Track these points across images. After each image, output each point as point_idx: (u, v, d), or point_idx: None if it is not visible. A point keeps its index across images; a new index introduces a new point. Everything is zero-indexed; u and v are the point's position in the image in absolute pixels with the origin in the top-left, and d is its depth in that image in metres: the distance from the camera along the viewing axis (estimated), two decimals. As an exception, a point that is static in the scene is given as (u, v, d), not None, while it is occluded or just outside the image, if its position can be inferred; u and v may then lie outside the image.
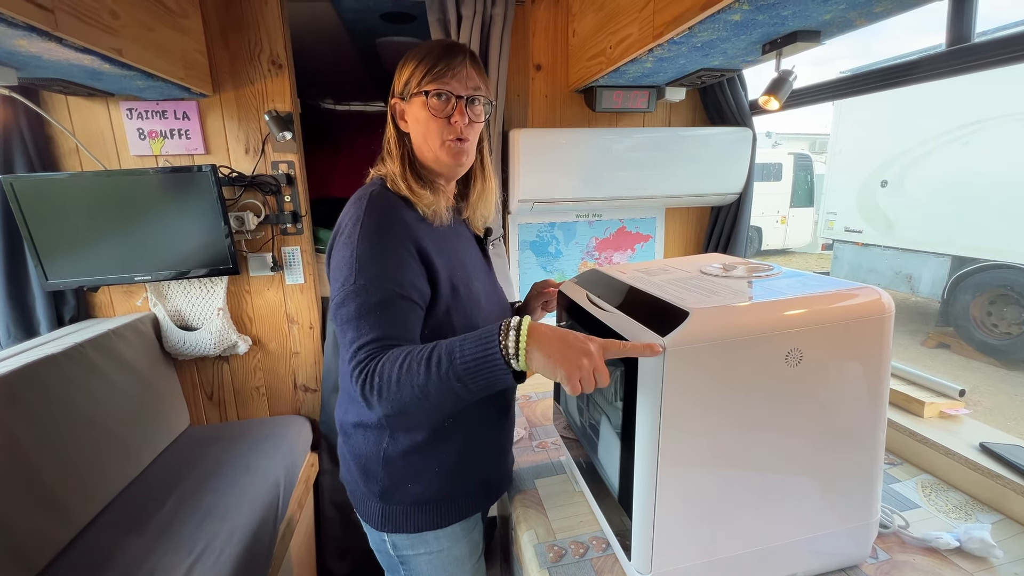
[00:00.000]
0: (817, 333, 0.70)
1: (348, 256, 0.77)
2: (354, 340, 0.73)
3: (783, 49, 1.08)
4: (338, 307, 0.76)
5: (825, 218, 6.12)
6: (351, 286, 0.75)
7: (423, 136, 0.86)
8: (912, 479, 1.03)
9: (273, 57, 1.57)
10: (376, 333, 0.73)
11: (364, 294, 0.74)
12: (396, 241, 0.79)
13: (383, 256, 0.77)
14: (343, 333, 0.75)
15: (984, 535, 0.81)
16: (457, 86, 0.84)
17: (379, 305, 0.74)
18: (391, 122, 0.89)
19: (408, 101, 0.86)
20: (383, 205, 0.81)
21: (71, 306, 1.59)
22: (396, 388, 0.68)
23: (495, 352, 0.65)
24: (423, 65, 0.84)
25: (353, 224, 0.79)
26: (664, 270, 0.96)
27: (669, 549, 0.73)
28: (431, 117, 0.84)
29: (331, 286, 0.80)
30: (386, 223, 0.80)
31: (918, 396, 1.14)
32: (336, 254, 0.80)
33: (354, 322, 0.74)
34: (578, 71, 1.61)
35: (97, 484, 1.31)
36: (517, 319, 0.67)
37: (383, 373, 0.69)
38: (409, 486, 0.87)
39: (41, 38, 0.91)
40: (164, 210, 1.51)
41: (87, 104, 1.52)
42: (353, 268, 0.76)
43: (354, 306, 0.74)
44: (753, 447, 0.73)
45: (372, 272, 0.75)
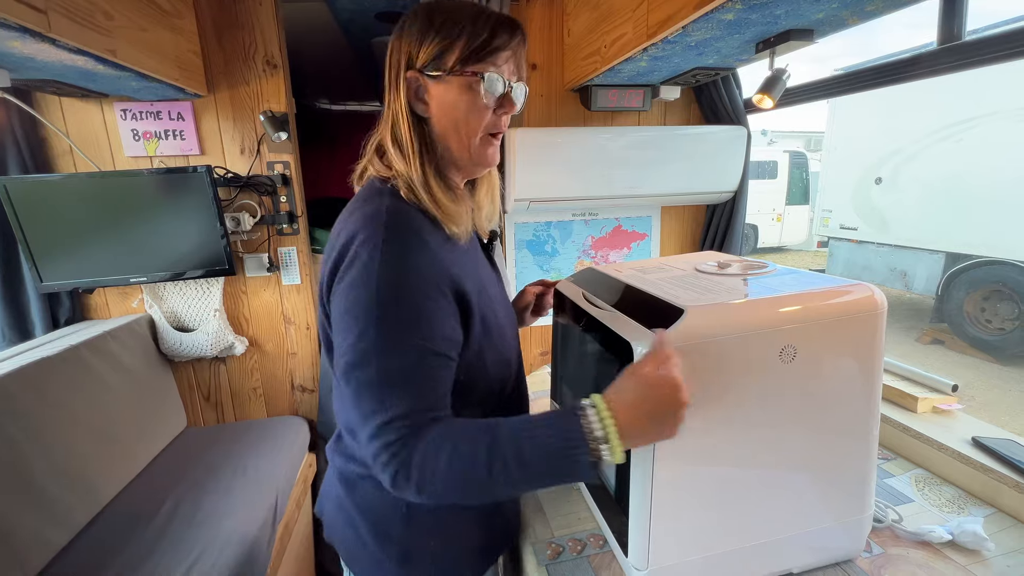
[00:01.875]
0: (811, 330, 0.71)
1: (365, 301, 0.60)
2: (375, 413, 0.59)
3: (776, 48, 1.09)
4: (352, 368, 0.60)
5: (820, 216, 6.16)
6: (371, 343, 0.59)
7: (456, 126, 0.68)
8: (906, 474, 1.04)
9: (268, 57, 1.57)
10: (405, 406, 0.59)
11: (389, 355, 0.59)
12: (426, 280, 0.62)
13: (412, 302, 0.61)
14: (357, 400, 0.60)
15: (976, 528, 0.82)
16: (508, 72, 0.69)
17: (409, 369, 0.60)
18: (404, 103, 0.68)
19: (440, 79, 0.66)
20: (404, 228, 0.64)
21: (66, 308, 1.58)
22: (443, 485, 0.57)
23: (581, 457, 0.57)
24: (472, 36, 0.65)
25: (369, 256, 0.61)
26: (660, 268, 0.97)
27: (665, 545, 0.74)
28: (480, 106, 0.67)
29: (337, 333, 0.63)
30: (412, 254, 0.63)
31: (912, 392, 1.15)
32: (346, 293, 0.62)
33: (375, 390, 0.59)
34: (573, 70, 1.61)
35: (94, 487, 1.31)
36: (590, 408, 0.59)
37: (425, 467, 0.57)
38: (432, 543, 0.74)
39: (34, 39, 0.91)
40: (159, 211, 1.50)
41: (81, 105, 1.51)
42: (373, 319, 0.59)
43: (374, 370, 0.59)
44: (748, 443, 0.73)
45: (399, 326, 0.60)
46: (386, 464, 0.58)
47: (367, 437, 0.60)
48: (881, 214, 5.30)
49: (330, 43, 2.09)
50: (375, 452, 0.59)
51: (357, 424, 0.61)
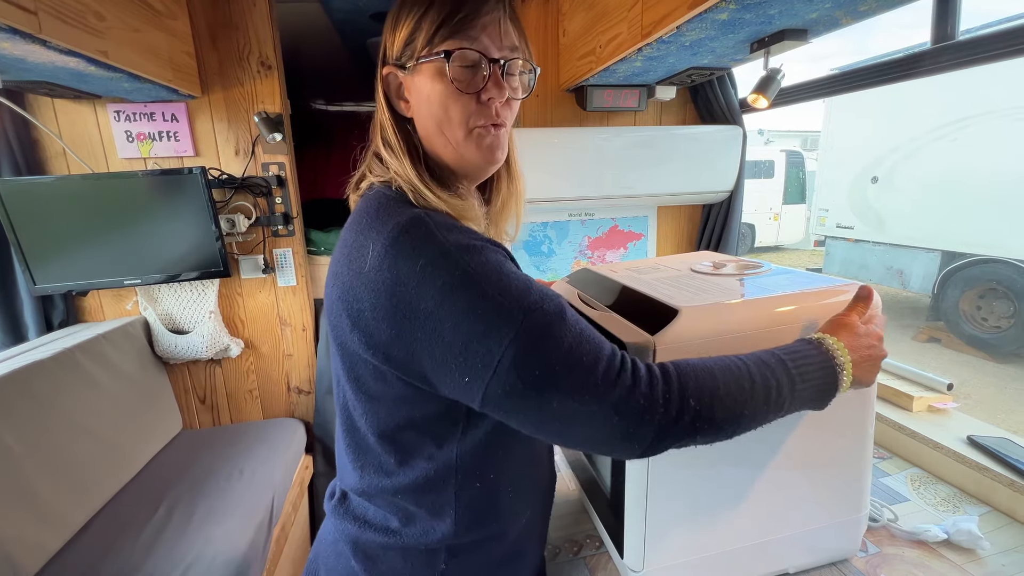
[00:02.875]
0: (806, 330, 0.71)
1: (477, 296, 0.48)
2: (596, 362, 0.48)
3: (771, 48, 1.09)
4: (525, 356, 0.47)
5: (817, 215, 6.17)
6: (522, 325, 0.47)
7: (438, 122, 0.58)
8: (901, 472, 1.04)
9: (262, 58, 1.56)
10: (602, 349, 0.50)
11: (547, 319, 0.49)
12: (499, 255, 0.53)
13: (514, 275, 0.51)
14: (552, 382, 0.47)
15: (972, 527, 0.83)
16: (489, 44, 0.56)
17: (574, 320, 0.51)
18: (384, 104, 0.60)
19: (411, 70, 0.57)
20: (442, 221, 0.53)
21: (60, 311, 1.58)
22: (721, 412, 0.50)
23: (834, 390, 0.57)
24: (436, 11, 0.55)
25: (435, 263, 0.48)
26: (655, 268, 0.97)
27: (661, 546, 0.74)
28: (452, 92, 0.56)
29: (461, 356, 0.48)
30: (473, 239, 0.52)
31: (907, 390, 1.15)
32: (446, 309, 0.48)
33: (571, 353, 0.48)
34: (569, 70, 1.61)
35: (88, 490, 1.30)
36: (832, 344, 0.58)
37: (700, 395, 0.50)
38: None
39: (25, 40, 0.90)
40: (154, 213, 1.50)
41: (74, 107, 1.50)
42: (504, 305, 0.48)
43: (553, 338, 0.48)
44: (743, 443, 0.73)
45: (528, 295, 0.49)
46: (647, 406, 0.48)
47: (600, 394, 0.47)
48: (877, 213, 5.31)
49: (325, 44, 2.08)
50: (619, 402, 0.47)
51: (569, 412, 0.48)
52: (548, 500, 0.75)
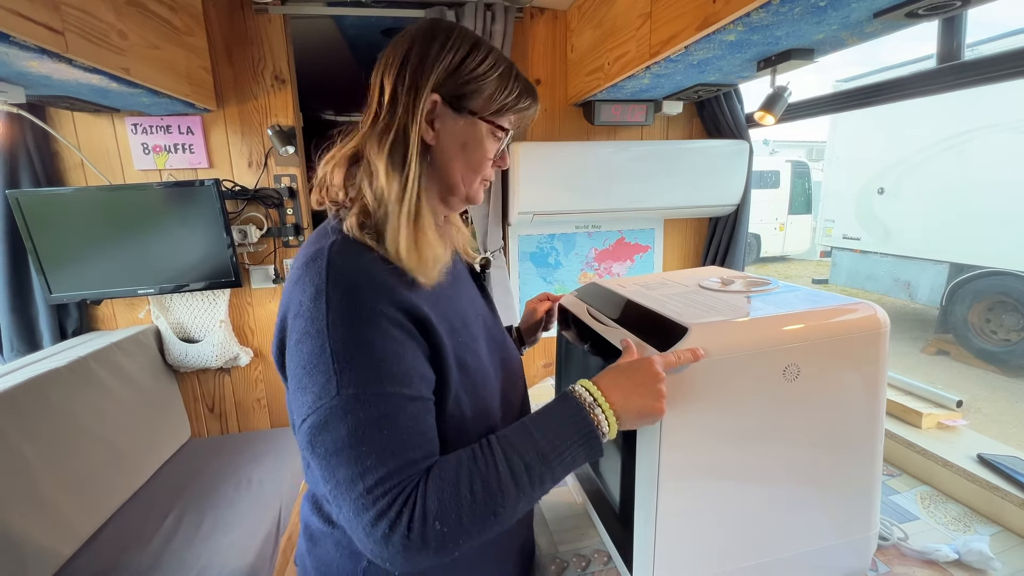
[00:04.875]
0: (814, 348, 0.71)
1: (317, 353, 0.53)
2: (360, 477, 0.50)
3: (778, 66, 1.10)
4: (317, 430, 0.52)
5: (823, 225, 6.15)
6: (333, 400, 0.51)
7: (467, 167, 0.65)
8: (911, 490, 1.04)
9: (276, 73, 1.60)
10: (392, 464, 0.51)
11: (357, 410, 0.52)
12: (382, 317, 0.55)
13: (370, 344, 0.53)
14: (329, 465, 0.52)
15: (983, 547, 0.82)
16: (515, 127, 0.71)
17: (383, 422, 0.52)
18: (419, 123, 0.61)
19: (463, 115, 0.63)
20: (351, 267, 0.56)
21: (74, 319, 1.60)
22: (469, 524, 0.51)
23: (595, 434, 0.57)
24: (508, 90, 0.64)
25: (312, 302, 0.54)
26: (663, 284, 0.98)
27: (670, 563, 0.74)
28: (489, 154, 0.66)
29: (295, 394, 0.55)
30: (361, 292, 0.55)
31: (916, 407, 1.15)
32: (298, 349, 0.55)
33: (350, 452, 0.51)
34: (576, 85, 1.63)
35: (99, 498, 1.31)
36: (580, 388, 0.60)
37: (446, 515, 0.51)
38: None
39: (51, 59, 0.93)
40: (167, 224, 1.52)
41: (92, 119, 1.54)
42: (331, 372, 0.52)
43: (345, 429, 0.51)
44: (752, 461, 0.73)
45: (360, 374, 0.52)
46: (387, 534, 0.49)
47: (352, 511, 0.51)
48: (884, 224, 5.29)
49: (337, 58, 2.12)
50: (367, 526, 0.50)
51: (334, 499, 0.52)
52: None
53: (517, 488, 0.54)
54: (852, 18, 0.88)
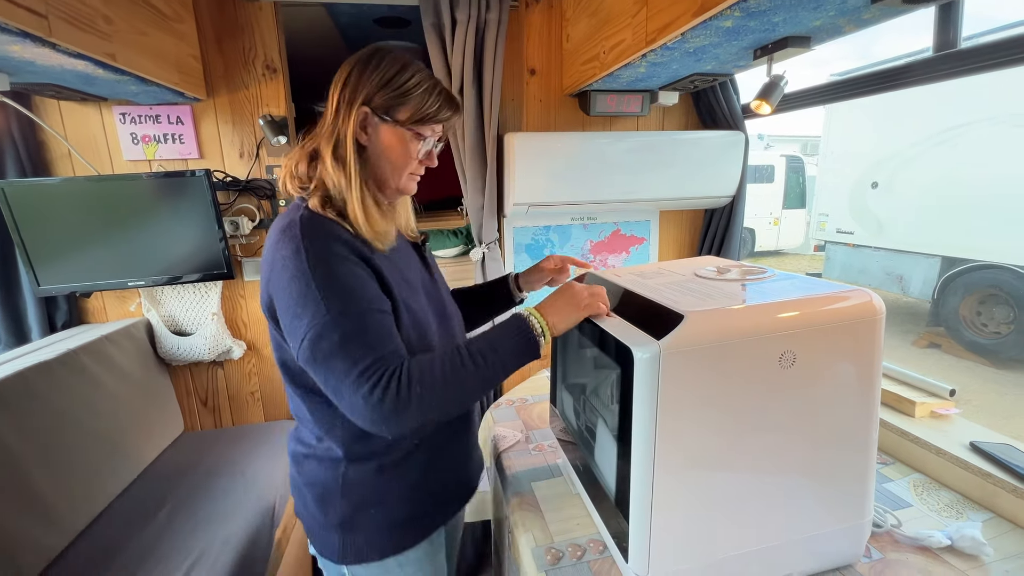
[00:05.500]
0: (810, 335, 0.71)
1: (304, 289, 0.69)
2: (354, 365, 0.68)
3: (774, 54, 1.09)
4: (315, 343, 0.68)
5: (817, 219, 6.18)
6: (324, 318, 0.68)
7: (393, 165, 0.82)
8: (904, 478, 1.04)
9: (268, 62, 1.57)
10: (376, 352, 0.69)
11: (343, 322, 0.69)
12: (347, 260, 0.73)
13: (343, 279, 0.71)
14: (328, 366, 0.69)
15: (975, 533, 0.83)
16: (440, 134, 0.86)
17: (363, 328, 0.70)
18: (351, 130, 0.77)
19: (388, 123, 0.79)
20: (319, 229, 0.73)
21: (63, 312, 1.58)
22: (441, 390, 0.69)
23: (530, 335, 0.74)
24: (426, 104, 0.79)
25: (294, 255, 0.71)
26: (659, 273, 0.97)
27: (666, 551, 0.74)
28: (412, 156, 0.82)
29: (291, 325, 0.71)
30: (329, 244, 0.73)
31: (909, 396, 1.16)
32: (285, 292, 0.71)
33: (343, 350, 0.68)
34: (572, 75, 1.62)
35: (90, 491, 1.30)
36: (524, 310, 0.77)
37: (424, 380, 0.68)
38: (372, 511, 0.82)
39: (35, 44, 0.91)
40: (158, 215, 1.50)
41: (79, 109, 1.51)
42: (318, 300, 0.69)
43: (337, 336, 0.68)
44: (748, 448, 0.73)
45: (341, 297, 0.70)
46: (382, 399, 0.67)
47: (351, 390, 0.68)
48: (877, 218, 5.32)
49: (329, 47, 2.09)
50: (365, 396, 0.67)
51: (335, 391, 0.70)
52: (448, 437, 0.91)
53: (475, 366, 0.72)
54: (849, 3, 0.87)
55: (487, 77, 1.53)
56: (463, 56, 1.51)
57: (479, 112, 1.56)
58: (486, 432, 1.48)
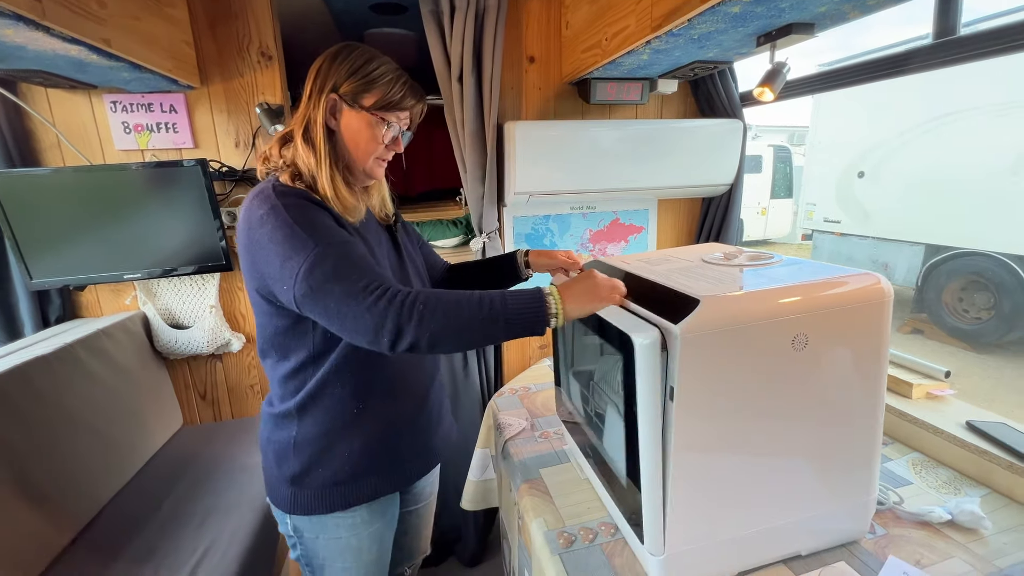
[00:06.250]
0: (821, 318, 0.73)
1: (289, 233, 0.74)
2: (354, 284, 0.72)
3: (777, 41, 1.10)
4: (310, 272, 0.72)
5: (805, 209, 6.25)
6: (315, 250, 0.73)
7: (359, 148, 0.87)
8: (903, 457, 1.07)
9: (263, 49, 1.54)
10: (372, 274, 0.74)
11: (334, 251, 0.74)
12: (320, 211, 0.79)
13: (322, 221, 0.77)
14: (327, 291, 0.72)
15: (974, 508, 0.86)
16: (406, 120, 0.91)
17: (352, 256, 0.75)
18: (322, 116, 0.84)
19: (355, 109, 0.85)
20: (291, 193, 0.79)
21: (56, 306, 1.54)
22: (442, 316, 0.72)
23: (543, 309, 0.75)
24: (390, 92, 0.85)
25: (271, 210, 0.75)
26: (666, 260, 0.98)
27: (680, 531, 0.75)
28: (377, 140, 0.87)
29: (282, 270, 0.74)
30: (302, 200, 0.79)
31: (906, 378, 1.19)
32: (269, 244, 0.75)
33: (340, 274, 0.72)
34: (572, 63, 1.61)
35: (91, 487, 1.28)
36: (546, 287, 0.78)
37: (428, 301, 0.72)
38: (320, 470, 0.89)
39: (28, 27, 0.88)
40: (152, 206, 1.47)
41: (68, 97, 1.46)
42: (305, 238, 0.73)
43: (330, 264, 0.72)
44: (761, 429, 0.75)
45: (325, 233, 0.75)
46: (387, 308, 0.70)
47: (355, 305, 0.71)
48: (863, 207, 5.40)
49: (323, 35, 2.05)
50: (370, 306, 0.70)
51: (338, 313, 0.72)
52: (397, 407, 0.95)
53: (479, 307, 0.73)
54: (855, -10, 0.88)
55: (486, 65, 1.52)
56: (462, 43, 1.49)
57: (479, 100, 1.55)
58: (491, 420, 1.49)
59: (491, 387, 1.83)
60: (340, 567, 0.95)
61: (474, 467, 1.53)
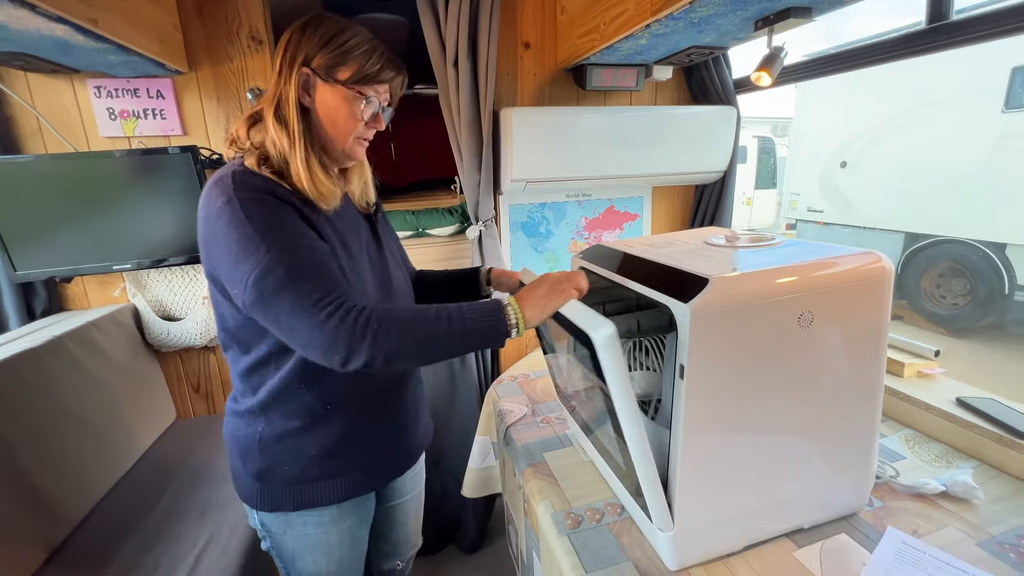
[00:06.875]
0: (826, 295, 0.74)
1: (243, 232, 0.69)
2: (306, 295, 0.68)
3: (775, 26, 1.11)
4: (260, 279, 0.67)
5: (789, 199, 6.35)
6: (267, 255, 0.68)
7: (335, 126, 0.81)
8: (896, 433, 1.11)
9: (253, 33, 1.50)
10: (327, 285, 0.70)
11: (288, 256, 0.69)
12: (281, 207, 0.73)
13: (280, 219, 0.72)
14: (278, 300, 0.68)
15: (967, 479, 0.89)
16: (387, 96, 0.85)
17: (307, 263, 0.70)
18: (294, 92, 0.77)
19: (330, 84, 0.78)
20: (250, 185, 0.73)
21: (42, 299, 1.50)
22: (397, 334, 0.69)
23: (502, 321, 0.73)
24: (367, 64, 0.79)
25: (227, 204, 0.70)
26: (669, 243, 0.99)
27: (689, 507, 0.77)
28: (356, 117, 0.81)
29: (236, 270, 0.70)
30: (261, 192, 0.73)
31: (898, 358, 1.22)
32: (224, 241, 0.70)
33: (291, 283, 0.68)
34: (568, 49, 1.61)
35: (86, 481, 1.26)
36: (505, 298, 0.76)
37: (382, 319, 0.69)
38: (286, 468, 0.85)
39: (12, 4, 0.85)
40: (140, 195, 1.43)
41: (50, 82, 1.41)
42: (258, 241, 0.68)
43: (283, 270, 0.68)
44: (768, 405, 0.76)
45: (280, 236, 0.70)
46: (338, 326, 0.67)
47: (306, 320, 0.68)
48: (846, 197, 5.50)
49: (311, 20, 2.01)
50: (321, 323, 0.67)
51: (289, 326, 0.69)
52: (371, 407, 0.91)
53: (437, 323, 0.71)
54: (855, -26, 0.89)
55: (482, 50, 1.50)
56: (457, 27, 1.47)
57: (474, 86, 1.53)
58: (491, 407, 1.49)
59: (489, 375, 1.84)
60: (310, 560, 0.92)
61: (474, 455, 1.53)
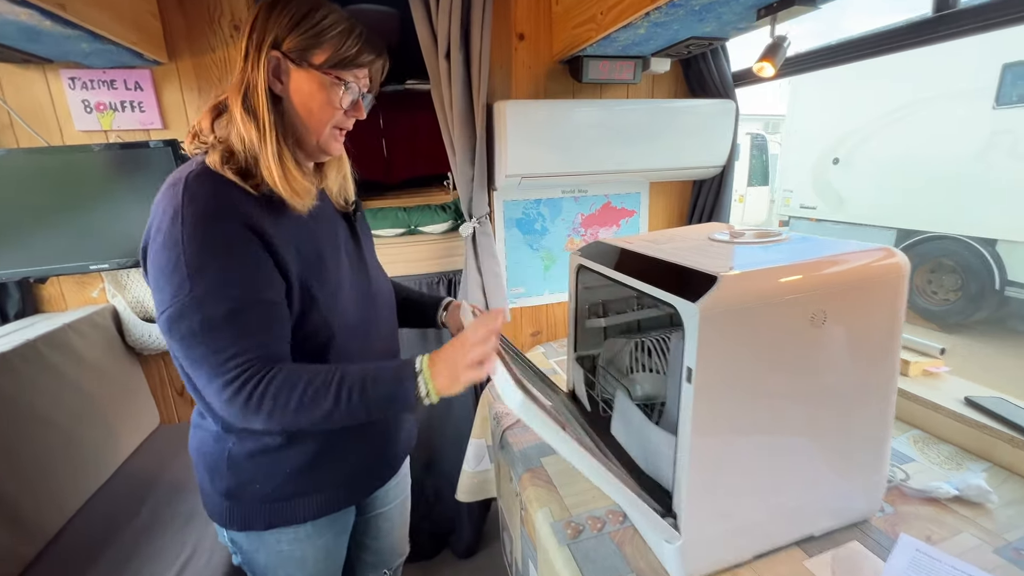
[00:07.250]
0: (840, 293, 0.71)
1: (174, 261, 0.63)
2: (214, 354, 0.64)
3: (778, 14, 1.07)
4: (174, 320, 0.64)
5: (782, 195, 6.36)
6: (186, 298, 0.63)
7: (311, 116, 0.74)
8: (904, 435, 1.08)
9: (235, 22, 1.44)
10: (239, 346, 0.65)
11: (205, 306, 0.63)
12: (232, 232, 0.65)
13: (219, 254, 0.64)
14: (185, 346, 0.65)
15: (980, 482, 0.86)
16: (366, 82, 0.78)
17: (229, 317, 0.64)
18: (263, 78, 0.69)
19: (303, 69, 0.71)
20: (205, 190, 0.65)
21: (15, 300, 1.43)
22: (293, 410, 0.66)
23: (409, 392, 0.69)
24: (344, 46, 0.72)
25: (171, 221, 0.63)
26: (671, 239, 0.95)
27: (695, 516, 0.73)
28: (334, 104, 0.74)
29: (155, 295, 0.66)
30: (212, 210, 0.65)
31: (903, 356, 1.19)
32: (156, 257, 0.65)
33: (203, 337, 0.64)
34: (563, 40, 1.56)
35: (61, 492, 1.20)
36: (419, 364, 0.70)
37: (277, 395, 0.65)
38: (257, 487, 0.80)
39: (-30, -14, 0.79)
40: (119, 191, 1.37)
41: (20, 72, 1.34)
42: (184, 276, 0.62)
43: (198, 320, 0.63)
44: (778, 408, 0.73)
45: (210, 278, 0.63)
46: (231, 399, 0.65)
47: (206, 379, 0.66)
48: (838, 193, 5.52)
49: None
50: (218, 390, 0.65)
51: (192, 372, 0.67)
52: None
53: (336, 402, 0.67)
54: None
55: (475, 41, 1.45)
56: (449, 18, 1.42)
57: (467, 79, 1.49)
58: (486, 410, 1.45)
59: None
60: (283, 575, 0.88)
61: (469, 458, 1.49)
